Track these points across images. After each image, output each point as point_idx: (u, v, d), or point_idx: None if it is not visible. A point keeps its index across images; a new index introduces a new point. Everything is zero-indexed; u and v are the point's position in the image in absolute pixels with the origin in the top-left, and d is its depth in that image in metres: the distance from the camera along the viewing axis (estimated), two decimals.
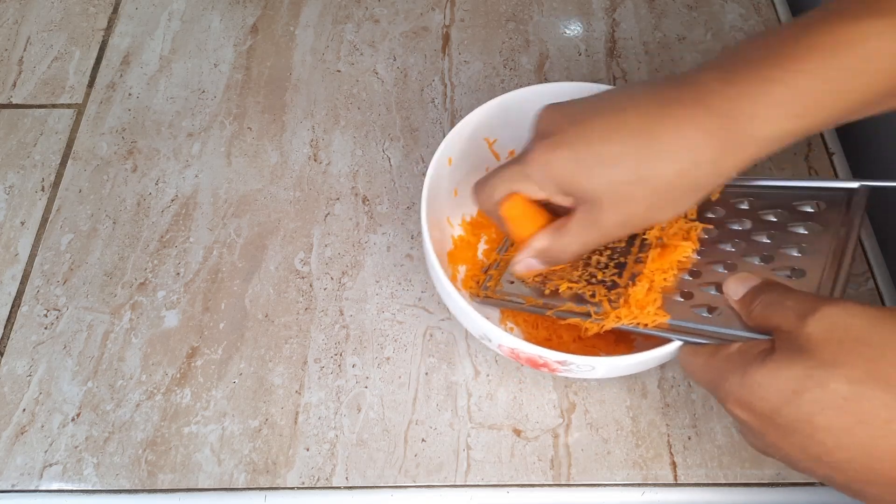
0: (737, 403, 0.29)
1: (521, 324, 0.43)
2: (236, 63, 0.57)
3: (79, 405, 0.43)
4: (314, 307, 0.46)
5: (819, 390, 0.26)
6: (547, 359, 0.35)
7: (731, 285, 0.33)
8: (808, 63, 0.29)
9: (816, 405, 0.26)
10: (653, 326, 0.35)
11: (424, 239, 0.38)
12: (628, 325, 0.36)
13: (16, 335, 0.45)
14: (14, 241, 0.49)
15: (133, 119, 0.54)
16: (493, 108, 0.43)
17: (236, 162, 0.52)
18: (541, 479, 0.40)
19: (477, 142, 0.44)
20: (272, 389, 0.43)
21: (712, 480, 0.40)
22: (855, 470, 0.26)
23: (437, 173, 0.41)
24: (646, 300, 0.36)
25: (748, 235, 0.37)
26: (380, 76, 0.56)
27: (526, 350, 0.35)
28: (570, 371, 0.36)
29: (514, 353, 0.37)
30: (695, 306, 0.35)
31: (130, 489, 0.40)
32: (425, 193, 0.39)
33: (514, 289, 0.41)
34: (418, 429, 0.42)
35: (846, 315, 0.27)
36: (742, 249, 0.37)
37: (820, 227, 0.35)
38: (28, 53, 0.58)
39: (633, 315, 0.36)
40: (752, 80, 0.30)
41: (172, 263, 0.47)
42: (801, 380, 0.26)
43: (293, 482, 0.40)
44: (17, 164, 0.52)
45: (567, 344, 0.41)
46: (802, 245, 0.35)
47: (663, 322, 0.35)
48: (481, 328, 0.36)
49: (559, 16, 0.59)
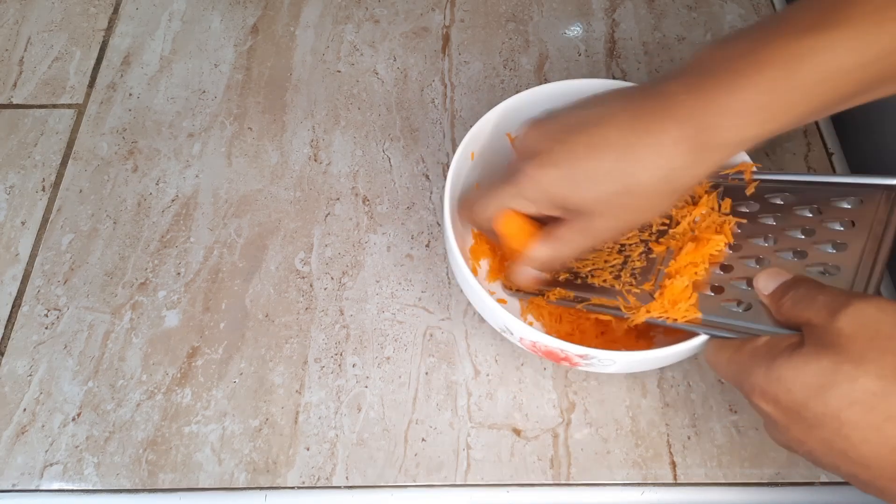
0: (762, 396, 0.29)
1: (544, 317, 0.43)
2: (237, 63, 0.57)
3: (79, 405, 0.43)
4: (314, 307, 0.46)
5: (847, 385, 0.26)
6: (568, 352, 0.35)
7: (762, 280, 0.33)
8: (764, 77, 0.31)
9: (844, 400, 0.26)
10: (683, 321, 0.35)
11: (446, 229, 0.39)
12: (658, 318, 0.36)
13: (16, 335, 0.45)
14: (15, 241, 0.49)
15: (133, 119, 0.54)
16: (516, 104, 0.43)
17: (237, 162, 0.52)
18: (540, 479, 0.40)
19: (499, 137, 0.44)
20: (272, 389, 0.43)
21: (712, 480, 0.40)
22: (881, 467, 0.26)
23: (460, 167, 0.42)
24: (681, 295, 0.36)
25: (782, 231, 0.37)
26: (380, 76, 0.56)
27: (547, 343, 0.35)
28: (591, 365, 0.36)
29: (535, 347, 0.37)
30: (725, 301, 0.35)
31: (131, 489, 0.40)
32: (448, 185, 0.40)
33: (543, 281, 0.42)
34: (418, 428, 0.42)
35: (878, 311, 0.27)
36: (775, 244, 0.36)
37: (855, 224, 0.35)
38: (28, 54, 0.58)
39: (665, 309, 0.36)
40: (716, 91, 0.31)
41: (173, 263, 0.48)
42: (829, 374, 0.26)
43: (293, 482, 0.40)
44: (18, 164, 0.52)
45: (590, 339, 0.41)
46: (837, 241, 0.34)
47: (695, 318, 0.35)
48: (502, 321, 0.36)
49: (559, 16, 0.59)
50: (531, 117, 0.38)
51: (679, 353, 0.35)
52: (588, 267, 0.41)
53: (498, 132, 0.44)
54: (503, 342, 0.44)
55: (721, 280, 0.36)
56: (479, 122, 0.42)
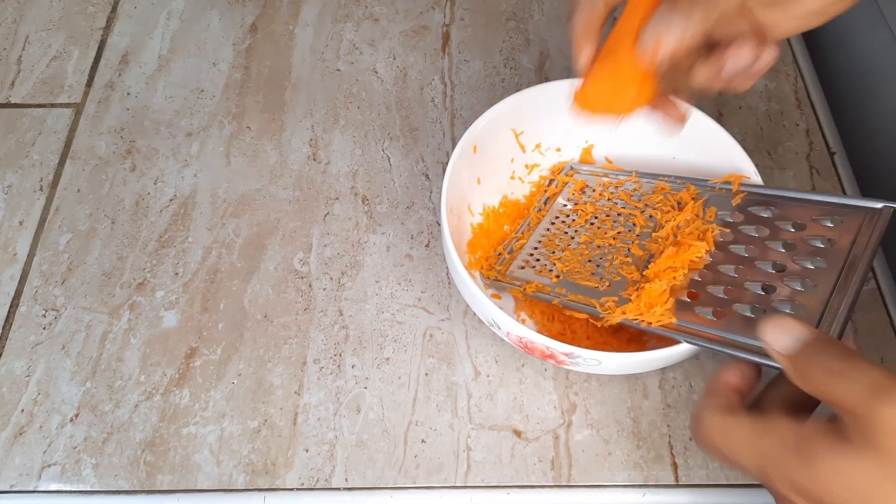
0: (797, 492, 0.27)
1: (536, 315, 0.43)
2: (235, 62, 0.57)
3: (77, 406, 0.42)
4: (313, 307, 0.46)
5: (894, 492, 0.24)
6: (554, 350, 0.35)
7: (771, 332, 0.29)
8: None
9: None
10: (657, 325, 0.35)
11: (442, 216, 0.39)
12: (633, 320, 0.36)
13: (14, 335, 0.45)
14: (12, 240, 0.49)
15: (132, 118, 0.54)
16: (520, 101, 0.43)
17: (235, 161, 0.52)
18: (541, 480, 0.40)
19: (503, 132, 0.44)
20: (271, 390, 0.43)
21: (714, 481, 0.40)
22: None
23: (461, 160, 0.42)
24: (658, 299, 0.36)
25: (763, 242, 0.37)
26: (379, 75, 0.56)
27: (533, 340, 0.35)
28: (576, 364, 0.36)
29: (521, 343, 0.37)
30: (700, 307, 0.35)
31: (129, 490, 0.40)
32: (448, 174, 0.40)
33: (524, 274, 0.42)
34: (418, 430, 0.42)
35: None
36: (755, 255, 0.36)
37: (836, 243, 0.35)
38: (26, 53, 0.57)
39: (641, 312, 0.36)
40: None
41: (171, 263, 0.47)
42: (876, 479, 0.24)
43: (292, 483, 0.40)
44: (16, 163, 0.52)
45: (580, 339, 0.41)
46: (817, 258, 0.35)
47: (669, 322, 0.35)
48: (490, 314, 0.36)
49: (560, 15, 0.59)
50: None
51: (667, 356, 0.35)
52: (568, 265, 0.41)
53: (499, 128, 0.44)
54: (503, 343, 0.44)
55: (698, 287, 0.36)
56: (478, 119, 0.42)
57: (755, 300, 0.35)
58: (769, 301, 0.34)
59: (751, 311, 0.34)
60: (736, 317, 0.34)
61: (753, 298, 0.35)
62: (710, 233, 0.38)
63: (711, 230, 0.38)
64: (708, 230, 0.38)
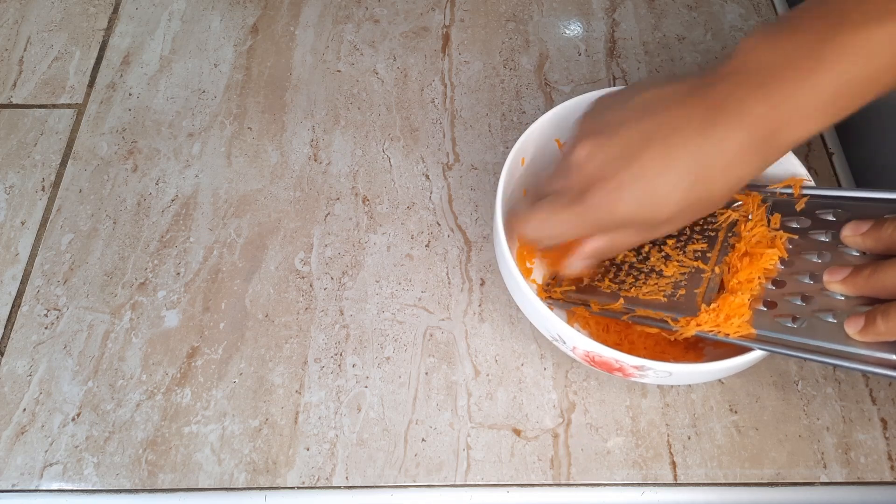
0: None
1: (590, 326, 0.42)
2: (236, 63, 0.57)
3: (79, 405, 0.43)
4: (314, 307, 0.46)
5: None
6: (623, 363, 0.35)
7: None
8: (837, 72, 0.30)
9: None
10: (735, 336, 0.35)
11: (498, 232, 0.38)
12: (708, 332, 0.35)
13: (16, 335, 0.45)
14: (14, 240, 0.49)
15: (133, 119, 0.54)
16: (565, 111, 0.43)
17: (236, 162, 0.52)
18: (541, 479, 0.40)
19: (549, 143, 0.44)
20: (272, 389, 0.43)
21: (712, 480, 0.40)
22: None
23: (511, 172, 0.41)
24: (736, 311, 0.35)
25: (834, 247, 0.36)
26: (380, 76, 0.56)
27: (602, 354, 0.35)
28: (644, 376, 0.36)
29: (587, 356, 0.36)
30: (779, 316, 0.35)
31: (131, 489, 0.40)
32: (500, 191, 0.39)
33: (586, 291, 0.41)
34: (418, 428, 0.42)
35: None
36: (827, 260, 0.36)
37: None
38: (28, 53, 0.58)
39: (717, 323, 0.35)
40: (784, 92, 0.31)
41: (173, 263, 0.48)
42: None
43: (293, 482, 0.40)
44: (18, 164, 0.52)
45: (638, 349, 0.40)
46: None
47: (748, 333, 0.35)
48: (555, 329, 0.36)
49: (559, 16, 0.59)
50: (578, 124, 0.37)
51: (741, 364, 0.34)
52: (630, 281, 0.40)
53: (547, 138, 0.43)
54: (503, 342, 0.44)
55: (774, 295, 0.36)
56: (530, 128, 0.42)
57: (836, 306, 0.34)
58: (852, 306, 0.34)
59: (833, 317, 0.34)
60: (814, 322, 0.33)
61: (833, 304, 0.34)
62: (780, 240, 0.37)
63: (780, 237, 0.37)
64: (776, 237, 0.37)
